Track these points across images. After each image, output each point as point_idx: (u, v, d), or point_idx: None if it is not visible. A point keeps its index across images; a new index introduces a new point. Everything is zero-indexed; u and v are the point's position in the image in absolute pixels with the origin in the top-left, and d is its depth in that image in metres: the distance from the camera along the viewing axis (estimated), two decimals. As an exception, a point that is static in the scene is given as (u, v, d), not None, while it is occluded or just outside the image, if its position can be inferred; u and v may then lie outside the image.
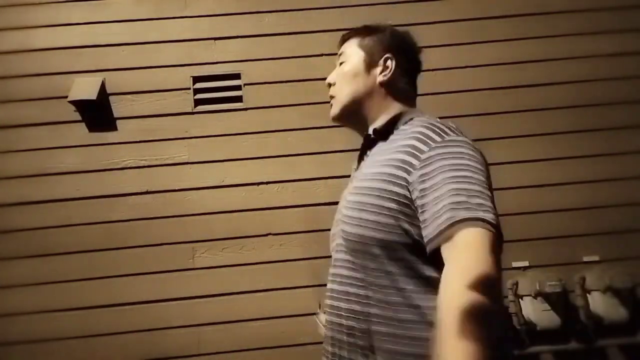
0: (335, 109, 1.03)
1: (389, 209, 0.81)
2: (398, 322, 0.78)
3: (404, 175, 0.80)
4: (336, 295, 0.91)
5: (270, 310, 2.03)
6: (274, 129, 2.18)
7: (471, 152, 0.79)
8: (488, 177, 0.79)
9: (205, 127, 2.17)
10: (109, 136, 2.15)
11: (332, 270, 0.95)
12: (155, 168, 2.13)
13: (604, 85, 2.24)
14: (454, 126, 0.86)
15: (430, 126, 0.85)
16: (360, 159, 1.03)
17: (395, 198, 0.81)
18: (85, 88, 2.10)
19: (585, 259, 2.02)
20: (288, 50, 2.24)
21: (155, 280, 2.03)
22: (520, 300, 1.98)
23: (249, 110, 2.20)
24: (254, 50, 2.24)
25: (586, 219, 2.09)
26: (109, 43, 2.21)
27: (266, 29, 2.26)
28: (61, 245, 2.04)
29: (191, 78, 2.21)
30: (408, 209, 0.80)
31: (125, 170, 2.12)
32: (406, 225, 0.79)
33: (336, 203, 2.09)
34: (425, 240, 0.76)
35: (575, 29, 2.28)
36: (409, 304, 0.78)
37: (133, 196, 2.10)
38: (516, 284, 1.99)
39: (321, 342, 1.01)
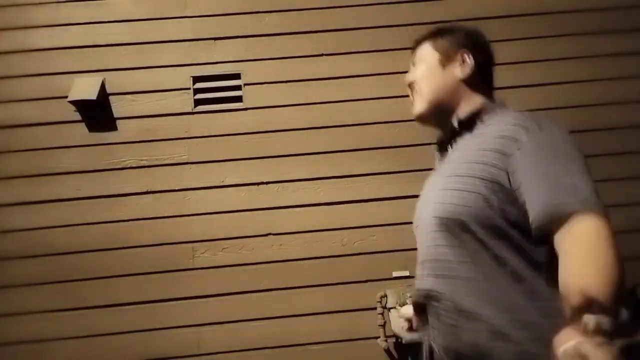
0: (418, 106, 1.05)
1: (482, 189, 0.82)
2: (497, 294, 0.80)
3: (501, 161, 0.82)
4: (433, 273, 0.91)
5: (270, 310, 2.03)
6: (274, 129, 2.18)
7: (568, 138, 0.82)
8: (588, 167, 0.81)
9: (205, 127, 2.17)
10: (109, 136, 2.15)
11: (424, 253, 0.96)
12: (155, 168, 2.13)
13: (604, 85, 2.24)
14: (546, 118, 0.88)
15: (523, 116, 0.87)
16: (444, 150, 1.03)
17: (489, 179, 0.82)
18: (85, 88, 2.10)
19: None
20: (288, 50, 2.24)
21: (155, 280, 2.03)
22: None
23: (249, 110, 2.20)
24: (254, 50, 2.24)
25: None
26: (109, 43, 2.21)
27: (266, 29, 2.26)
28: (61, 245, 2.04)
29: (191, 78, 2.21)
30: (503, 190, 0.81)
31: (125, 170, 2.12)
32: (501, 205, 0.81)
33: (336, 203, 2.11)
34: (533, 223, 0.77)
35: (576, 29, 2.28)
36: (511, 278, 0.80)
37: (133, 196, 2.10)
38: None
39: (321, 342, 1.01)
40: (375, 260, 2.08)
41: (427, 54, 1.05)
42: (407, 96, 1.12)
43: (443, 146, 1.03)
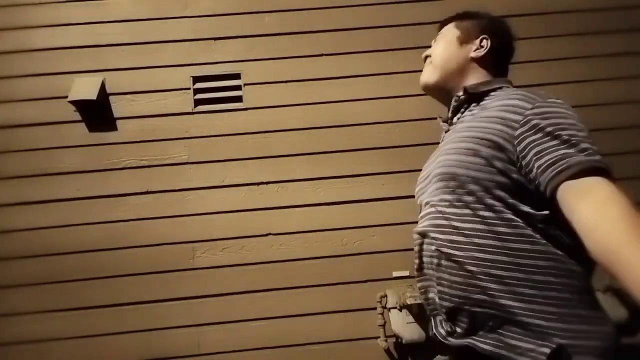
0: (425, 75, 1.08)
1: (483, 150, 0.84)
2: (500, 253, 0.82)
3: (506, 127, 0.83)
4: (436, 229, 0.92)
5: (270, 310, 2.03)
6: (274, 129, 2.18)
7: (572, 111, 0.84)
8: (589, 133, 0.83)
9: (205, 127, 2.17)
10: (109, 136, 2.15)
11: (428, 211, 0.96)
12: (155, 168, 2.13)
13: (604, 85, 2.24)
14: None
15: (527, 91, 0.88)
16: (450, 122, 1.05)
17: (492, 142, 0.84)
18: (85, 88, 2.10)
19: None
20: (288, 50, 2.24)
21: (156, 280, 2.03)
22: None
23: (249, 110, 2.20)
24: (254, 50, 2.24)
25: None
26: (109, 43, 2.21)
27: (266, 29, 2.26)
28: (61, 245, 2.04)
29: (191, 78, 2.21)
30: (505, 153, 0.82)
31: (125, 170, 2.12)
32: (502, 168, 0.82)
33: (336, 203, 2.11)
34: (543, 182, 0.78)
35: (576, 29, 2.29)
36: (512, 236, 0.81)
37: (133, 196, 2.10)
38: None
39: (321, 342, 1.01)
40: (375, 260, 2.08)
41: (449, 31, 1.09)
42: (408, 96, 1.13)
43: (450, 117, 1.05)
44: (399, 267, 2.06)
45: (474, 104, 0.98)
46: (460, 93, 1.00)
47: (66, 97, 2.09)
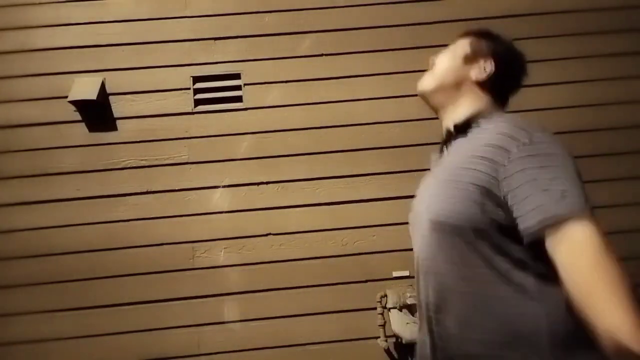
0: (424, 82, 1.08)
1: (473, 195, 0.84)
2: (489, 297, 0.83)
3: (491, 169, 0.83)
4: (429, 271, 0.93)
5: (270, 310, 2.03)
6: (274, 129, 2.18)
7: (560, 151, 0.82)
8: (579, 175, 0.82)
9: (205, 127, 2.17)
10: (109, 136, 2.15)
11: (420, 253, 0.98)
12: (155, 168, 2.13)
13: (603, 85, 2.24)
14: (539, 126, 0.88)
15: (516, 125, 0.87)
16: (440, 152, 1.06)
17: (480, 186, 0.84)
18: (85, 88, 2.10)
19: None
20: (288, 50, 2.24)
21: (155, 280, 2.03)
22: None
23: (249, 110, 2.20)
24: (254, 50, 2.24)
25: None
26: (109, 43, 2.21)
27: (266, 29, 2.26)
28: (61, 245, 2.04)
29: (191, 78, 2.21)
30: (493, 196, 0.83)
31: (125, 170, 2.12)
32: (491, 210, 0.83)
33: (336, 203, 2.11)
34: (524, 229, 0.79)
35: (576, 29, 2.28)
36: (501, 280, 0.82)
37: (133, 196, 2.10)
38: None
39: (321, 342, 1.01)
40: (375, 260, 2.08)
41: (461, 45, 1.08)
42: (407, 96, 1.14)
43: (439, 148, 1.05)
44: (399, 267, 2.06)
45: (462, 136, 0.98)
46: (450, 127, 1.01)
47: (66, 97, 2.09)
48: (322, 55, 2.24)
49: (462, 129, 0.98)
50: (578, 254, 0.73)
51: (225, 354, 1.99)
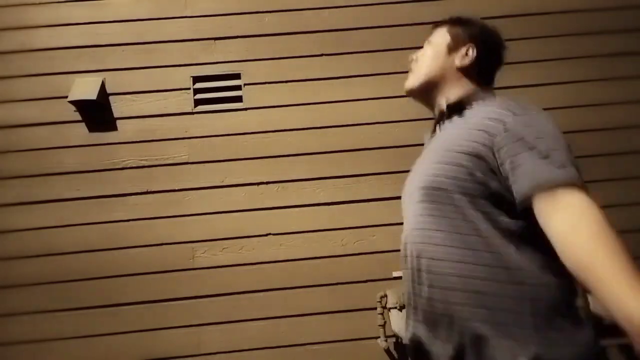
0: (410, 81, 1.09)
1: (465, 162, 0.85)
2: (475, 265, 0.82)
3: (486, 139, 0.84)
4: (417, 241, 0.93)
5: (270, 310, 2.03)
6: (274, 129, 2.18)
7: (553, 126, 0.84)
8: (572, 152, 0.83)
9: (205, 127, 2.17)
10: (109, 136, 2.15)
11: (411, 222, 0.97)
12: (155, 168, 2.13)
13: (603, 85, 2.24)
14: (532, 105, 0.90)
15: (508, 102, 0.89)
16: (433, 132, 1.07)
17: (473, 154, 0.85)
18: (85, 88, 2.10)
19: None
20: (288, 50, 2.24)
21: (155, 280, 2.03)
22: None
23: (249, 110, 2.20)
24: (254, 50, 2.24)
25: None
26: (109, 43, 2.21)
27: (266, 29, 2.26)
28: (61, 245, 2.04)
29: (191, 78, 2.21)
30: (487, 164, 0.84)
31: (125, 170, 2.12)
32: (482, 177, 0.84)
33: (336, 203, 2.11)
34: (519, 195, 0.80)
35: (576, 29, 2.29)
36: (487, 247, 0.82)
37: (133, 196, 2.10)
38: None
39: (321, 342, 1.01)
40: (375, 260, 2.08)
41: (440, 37, 1.09)
42: (407, 96, 1.14)
43: (432, 128, 1.07)
44: (399, 267, 2.06)
45: (456, 116, 0.98)
46: (443, 107, 1.02)
47: (66, 97, 2.09)
48: (322, 55, 2.24)
49: (455, 108, 0.99)
50: (577, 222, 0.72)
51: (225, 354, 1.99)
